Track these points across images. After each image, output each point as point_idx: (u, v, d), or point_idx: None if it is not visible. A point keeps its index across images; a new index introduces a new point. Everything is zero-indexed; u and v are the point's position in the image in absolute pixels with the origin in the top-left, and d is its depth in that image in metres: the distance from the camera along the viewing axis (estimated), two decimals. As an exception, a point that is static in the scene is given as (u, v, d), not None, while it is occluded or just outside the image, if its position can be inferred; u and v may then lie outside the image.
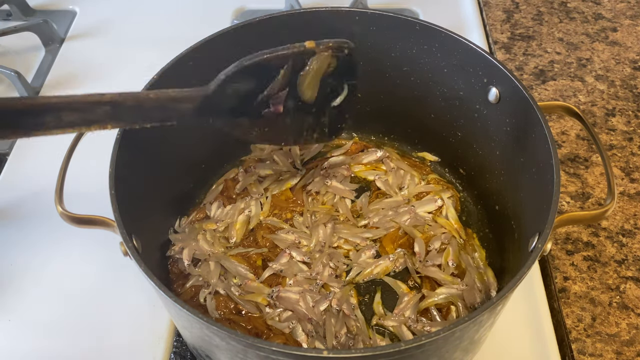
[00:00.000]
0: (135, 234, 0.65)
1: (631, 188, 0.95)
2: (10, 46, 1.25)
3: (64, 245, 0.90)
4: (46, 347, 0.80)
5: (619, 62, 1.16)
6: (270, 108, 0.72)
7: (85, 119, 0.59)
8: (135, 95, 0.63)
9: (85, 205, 0.71)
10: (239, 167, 0.94)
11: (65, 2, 1.35)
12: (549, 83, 1.13)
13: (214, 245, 0.84)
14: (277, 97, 0.72)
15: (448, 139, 0.91)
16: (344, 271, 0.82)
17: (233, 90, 0.69)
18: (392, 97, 0.93)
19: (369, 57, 0.88)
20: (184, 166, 0.87)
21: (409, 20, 0.82)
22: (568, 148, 1.01)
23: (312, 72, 0.72)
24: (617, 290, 0.84)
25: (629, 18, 1.26)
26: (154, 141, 0.77)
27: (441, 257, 0.81)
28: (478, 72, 0.80)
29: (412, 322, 0.76)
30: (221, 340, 0.56)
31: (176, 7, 1.33)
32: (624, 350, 0.78)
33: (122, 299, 0.84)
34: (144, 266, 0.59)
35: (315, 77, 0.73)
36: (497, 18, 1.27)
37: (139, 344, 0.80)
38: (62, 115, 0.58)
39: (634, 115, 1.06)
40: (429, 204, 0.88)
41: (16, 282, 0.87)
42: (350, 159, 0.95)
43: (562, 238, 0.89)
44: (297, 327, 0.75)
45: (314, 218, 0.87)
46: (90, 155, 0.79)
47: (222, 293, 0.78)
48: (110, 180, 0.66)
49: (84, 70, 1.18)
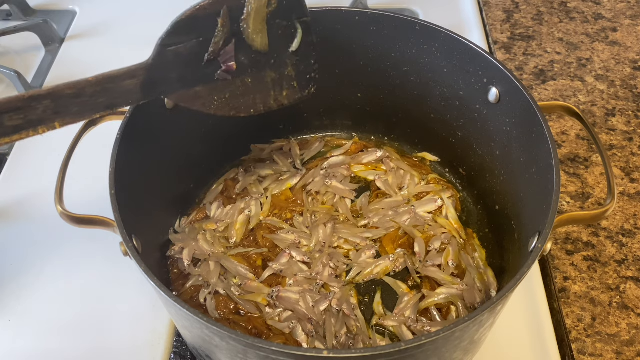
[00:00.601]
0: (135, 234, 0.65)
1: (631, 188, 0.95)
2: (10, 46, 1.25)
3: (64, 245, 0.90)
4: (46, 347, 0.80)
5: (619, 62, 1.16)
6: (223, 67, 0.67)
7: (29, 120, 0.56)
8: (74, 83, 0.59)
9: (85, 205, 0.71)
10: (239, 167, 0.94)
11: (65, 2, 1.36)
12: (549, 83, 1.13)
13: (214, 245, 0.84)
14: (225, 52, 0.67)
15: (448, 139, 0.91)
16: (344, 271, 0.82)
17: (174, 54, 0.64)
18: (392, 97, 0.93)
19: (369, 57, 0.88)
20: (184, 166, 0.87)
21: (409, 20, 0.82)
22: (568, 148, 1.01)
23: (252, 13, 0.66)
24: (617, 290, 0.83)
25: (629, 18, 1.26)
26: (154, 141, 0.77)
27: (441, 257, 0.81)
28: (478, 72, 0.80)
29: (412, 322, 0.76)
30: (221, 340, 0.56)
31: (176, 7, 1.32)
32: (624, 350, 0.78)
33: (122, 299, 0.84)
34: (144, 266, 0.59)
35: (258, 19, 0.67)
36: (497, 18, 1.27)
37: (139, 344, 0.80)
38: (4, 120, 0.55)
39: (634, 115, 1.06)
40: (429, 204, 0.88)
41: (16, 282, 0.87)
42: (350, 159, 0.95)
43: (562, 238, 0.89)
44: (297, 327, 0.75)
45: (314, 218, 0.87)
46: (90, 155, 0.80)
47: (222, 293, 0.78)
48: (110, 180, 0.65)
49: (84, 70, 1.15)
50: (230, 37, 0.66)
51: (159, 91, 0.66)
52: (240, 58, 0.68)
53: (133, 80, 0.63)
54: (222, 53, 0.67)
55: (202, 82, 0.68)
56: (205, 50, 0.66)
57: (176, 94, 0.67)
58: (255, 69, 0.70)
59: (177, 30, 0.64)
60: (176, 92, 0.67)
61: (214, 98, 0.69)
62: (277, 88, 0.73)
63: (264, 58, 0.70)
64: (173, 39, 0.64)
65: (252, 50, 0.69)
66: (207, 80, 0.68)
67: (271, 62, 0.71)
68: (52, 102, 0.57)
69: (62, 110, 0.58)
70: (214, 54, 0.66)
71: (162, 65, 0.64)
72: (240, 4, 0.66)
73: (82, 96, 0.59)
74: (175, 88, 0.66)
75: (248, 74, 0.70)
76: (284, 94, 0.74)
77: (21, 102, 0.56)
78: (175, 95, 0.67)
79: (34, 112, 0.56)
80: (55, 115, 0.58)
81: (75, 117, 0.60)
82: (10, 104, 0.55)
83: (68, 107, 0.59)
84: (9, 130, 0.56)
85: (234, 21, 0.66)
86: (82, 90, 0.59)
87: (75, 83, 0.59)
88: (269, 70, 0.72)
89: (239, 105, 0.71)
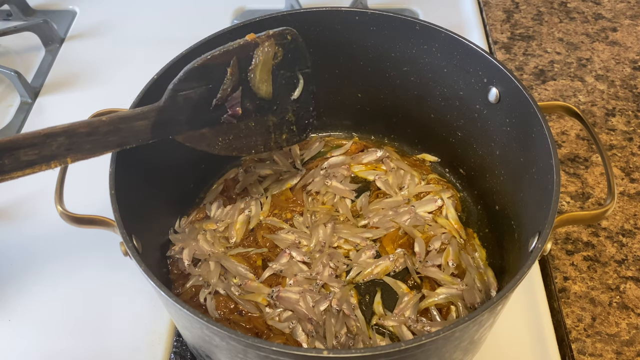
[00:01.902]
0: (135, 234, 0.65)
1: (631, 188, 0.95)
2: (10, 46, 1.25)
3: (64, 245, 0.90)
4: (46, 347, 0.80)
5: (619, 62, 1.16)
6: (229, 112, 0.72)
7: (43, 155, 0.58)
8: (88, 122, 0.62)
9: (85, 205, 0.71)
10: (239, 167, 0.94)
11: (65, 2, 1.36)
12: (549, 83, 1.13)
13: (214, 245, 0.84)
14: (232, 98, 0.71)
15: (448, 139, 0.91)
16: (344, 271, 0.82)
17: (185, 99, 0.68)
18: (392, 97, 0.93)
19: (369, 57, 0.88)
20: (184, 166, 0.87)
21: (409, 20, 0.82)
22: (568, 148, 1.01)
23: (260, 65, 0.71)
24: (617, 290, 0.84)
25: (629, 18, 1.26)
26: (154, 141, 0.77)
27: (441, 257, 0.81)
28: (478, 72, 0.80)
29: (412, 322, 0.76)
30: (221, 340, 0.56)
31: (176, 7, 1.33)
32: (623, 350, 0.78)
33: (122, 299, 0.84)
34: (144, 266, 0.59)
35: (264, 70, 0.72)
36: (497, 18, 1.27)
37: (139, 344, 0.80)
38: (20, 155, 0.57)
39: (634, 115, 1.06)
40: (429, 204, 0.88)
41: (16, 282, 0.87)
42: (350, 159, 0.95)
43: (562, 238, 0.89)
44: (297, 327, 0.75)
45: (314, 218, 0.87)
46: (90, 155, 0.80)
47: (222, 293, 0.78)
48: (110, 180, 0.66)
49: (84, 70, 1.18)
50: (237, 85, 0.71)
51: (168, 132, 0.69)
52: (245, 104, 0.73)
53: (145, 121, 0.66)
54: (229, 99, 0.71)
55: (208, 125, 0.72)
56: (214, 96, 0.70)
57: (184, 135, 0.70)
58: (259, 114, 0.75)
59: (188, 77, 0.68)
60: (184, 133, 0.70)
61: (218, 139, 0.73)
62: (277, 131, 0.78)
63: (268, 104, 0.75)
64: (184, 85, 0.68)
65: (257, 97, 0.74)
66: (213, 123, 0.72)
67: (274, 108, 0.76)
68: (67, 139, 0.60)
69: (74, 147, 0.60)
70: (221, 99, 0.71)
71: (173, 108, 0.68)
72: (248, 56, 0.71)
73: (95, 134, 0.62)
74: (183, 129, 0.70)
75: (252, 119, 0.74)
76: (283, 137, 0.79)
77: (37, 138, 0.58)
78: (182, 136, 0.70)
79: (48, 148, 0.59)
80: (68, 152, 0.60)
81: (86, 154, 0.63)
82: (27, 140, 0.57)
83: (81, 144, 0.61)
84: (23, 164, 0.58)
85: (241, 70, 0.71)
86: (96, 129, 0.62)
87: (90, 122, 0.62)
88: (271, 115, 0.77)
89: (241, 146, 0.76)
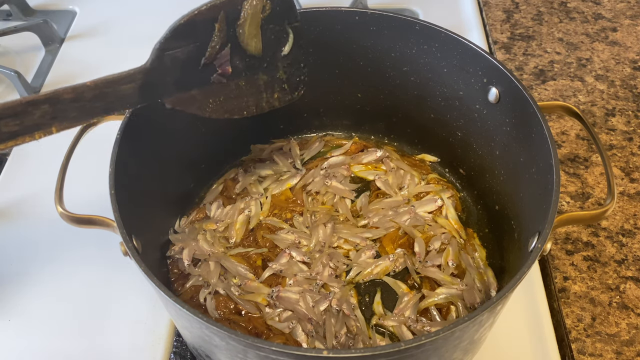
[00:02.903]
0: (135, 234, 0.65)
1: (631, 188, 0.95)
2: (10, 46, 1.25)
3: (64, 245, 0.90)
4: (46, 347, 0.80)
5: (619, 62, 1.16)
6: (218, 71, 0.69)
7: (26, 126, 0.56)
8: (73, 87, 0.59)
9: (85, 205, 0.71)
10: (239, 167, 0.94)
11: (65, 2, 1.36)
12: (548, 83, 1.13)
13: (214, 245, 0.84)
14: (221, 56, 0.68)
15: (448, 139, 0.91)
16: (344, 271, 0.82)
17: (172, 59, 0.65)
18: (392, 97, 0.93)
19: (369, 57, 0.88)
20: (184, 166, 0.87)
21: (409, 20, 0.82)
22: (568, 148, 1.01)
23: (248, 19, 0.68)
24: (617, 290, 0.84)
25: (629, 18, 1.26)
26: (154, 141, 0.77)
27: (441, 257, 0.81)
28: (478, 72, 0.80)
29: (412, 322, 0.76)
30: (221, 340, 0.56)
31: (176, 7, 1.32)
32: (623, 350, 0.78)
33: (122, 299, 0.84)
34: (144, 266, 0.59)
35: (253, 24, 0.69)
36: (497, 18, 1.27)
37: (139, 344, 0.80)
38: (0, 126, 0.54)
39: (634, 115, 1.06)
40: (429, 204, 0.88)
41: (16, 282, 0.87)
42: (350, 158, 0.95)
43: (562, 238, 0.89)
44: (297, 327, 0.75)
45: (314, 218, 0.87)
46: (90, 155, 0.80)
47: (222, 293, 0.78)
48: (110, 180, 0.66)
49: (84, 70, 1.18)
50: (226, 42, 0.68)
51: (156, 95, 0.66)
52: (235, 62, 0.70)
53: (131, 84, 0.63)
54: (218, 57, 0.68)
55: (198, 86, 0.69)
56: (202, 55, 0.68)
57: (173, 98, 0.68)
58: (249, 72, 0.72)
59: (175, 35, 0.65)
60: (173, 96, 0.68)
61: (209, 101, 0.71)
62: (268, 90, 0.76)
63: (258, 62, 0.73)
64: (171, 44, 0.65)
65: (247, 54, 0.71)
66: (203, 83, 0.69)
67: (264, 65, 0.73)
68: (51, 107, 0.57)
69: (59, 115, 0.58)
70: (210, 58, 0.68)
71: (160, 69, 0.65)
72: (236, 10, 0.68)
73: (81, 100, 0.59)
74: (172, 91, 0.68)
75: (242, 77, 0.72)
76: (275, 96, 0.77)
77: (19, 107, 0.55)
78: (171, 99, 0.68)
79: (30, 117, 0.56)
80: (53, 120, 0.58)
81: (72, 122, 0.60)
82: (8, 110, 0.55)
83: (66, 111, 0.59)
84: (5, 136, 0.55)
85: (229, 26, 0.68)
86: (80, 94, 0.59)
87: (74, 87, 0.59)
88: (261, 73, 0.74)
89: (233, 107, 0.74)
